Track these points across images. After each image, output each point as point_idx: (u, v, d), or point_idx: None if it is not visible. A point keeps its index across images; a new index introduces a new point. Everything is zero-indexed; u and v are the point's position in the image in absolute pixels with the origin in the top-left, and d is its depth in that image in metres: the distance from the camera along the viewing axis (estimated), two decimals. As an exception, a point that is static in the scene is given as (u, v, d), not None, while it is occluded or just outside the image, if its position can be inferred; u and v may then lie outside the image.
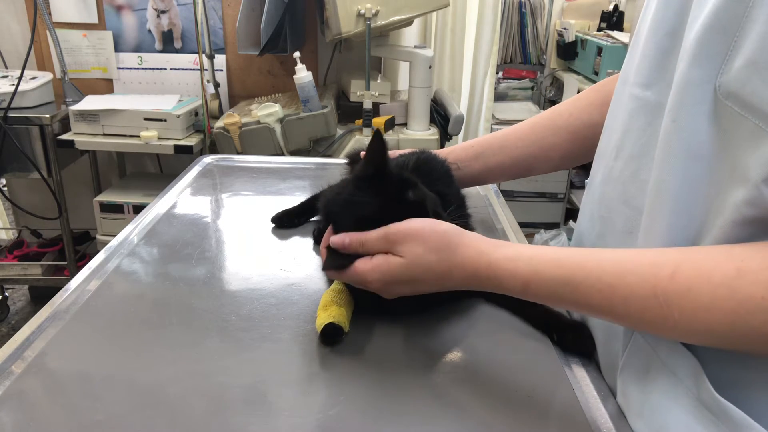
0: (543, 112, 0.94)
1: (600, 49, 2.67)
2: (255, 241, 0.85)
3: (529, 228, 2.91)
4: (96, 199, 2.00)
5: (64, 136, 1.89)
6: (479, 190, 1.04)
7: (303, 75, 1.77)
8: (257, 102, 2.00)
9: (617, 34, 2.83)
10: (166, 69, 2.21)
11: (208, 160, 1.19)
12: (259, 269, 0.76)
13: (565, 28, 3.09)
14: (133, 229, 0.86)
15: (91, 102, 1.95)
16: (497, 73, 3.22)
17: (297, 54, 1.76)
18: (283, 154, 1.83)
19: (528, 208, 2.93)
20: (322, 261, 0.62)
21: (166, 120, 1.88)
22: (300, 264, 0.77)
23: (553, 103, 3.10)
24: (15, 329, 2.09)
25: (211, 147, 1.94)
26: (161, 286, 0.72)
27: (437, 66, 2.33)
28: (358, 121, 1.92)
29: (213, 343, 0.61)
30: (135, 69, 2.22)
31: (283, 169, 1.17)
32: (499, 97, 3.21)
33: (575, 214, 2.81)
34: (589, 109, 0.75)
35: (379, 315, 0.65)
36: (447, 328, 0.64)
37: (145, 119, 1.88)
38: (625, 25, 3.04)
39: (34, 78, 1.98)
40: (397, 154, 0.81)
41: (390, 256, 0.56)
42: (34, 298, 2.52)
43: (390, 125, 1.91)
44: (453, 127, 1.93)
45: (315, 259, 0.79)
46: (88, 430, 0.49)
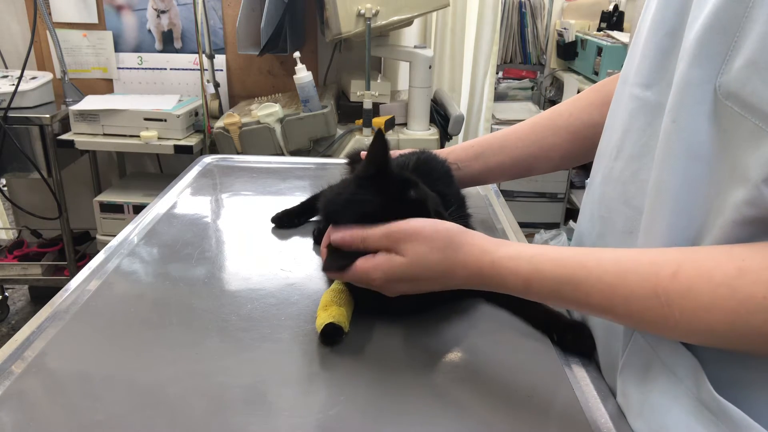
0: (543, 112, 0.94)
1: (600, 49, 2.67)
2: (255, 241, 0.85)
3: (529, 228, 2.91)
4: (96, 199, 2.00)
5: (64, 136, 1.89)
6: (479, 190, 1.04)
7: (303, 75, 1.77)
8: (257, 102, 2.00)
9: (617, 34, 2.83)
10: (166, 69, 2.21)
11: (208, 160, 1.19)
12: (259, 269, 0.76)
13: (565, 28, 3.09)
14: (133, 229, 0.86)
15: (91, 102, 1.95)
16: (497, 73, 3.22)
17: (297, 54, 1.77)
18: (283, 154, 1.83)
19: (528, 208, 2.93)
20: (322, 261, 0.62)
21: (166, 120, 1.88)
22: (300, 264, 0.77)
23: (553, 103, 3.10)
24: (15, 329, 2.09)
25: (211, 147, 1.94)
26: (161, 286, 0.72)
27: (437, 66, 2.33)
28: (358, 121, 1.92)
29: (213, 343, 0.61)
30: (135, 69, 2.22)
31: (283, 169, 1.17)
32: (499, 97, 3.21)
33: (575, 214, 2.82)
34: (589, 109, 0.75)
35: (379, 315, 0.65)
36: (447, 327, 0.64)
37: (145, 119, 1.88)
38: (625, 25, 3.04)
39: (34, 78, 1.98)
40: (397, 154, 0.81)
41: (392, 254, 0.56)
42: (34, 298, 2.52)
43: (390, 125, 1.91)
44: (453, 127, 1.93)
45: (315, 259, 0.79)
46: (88, 430, 0.49)
